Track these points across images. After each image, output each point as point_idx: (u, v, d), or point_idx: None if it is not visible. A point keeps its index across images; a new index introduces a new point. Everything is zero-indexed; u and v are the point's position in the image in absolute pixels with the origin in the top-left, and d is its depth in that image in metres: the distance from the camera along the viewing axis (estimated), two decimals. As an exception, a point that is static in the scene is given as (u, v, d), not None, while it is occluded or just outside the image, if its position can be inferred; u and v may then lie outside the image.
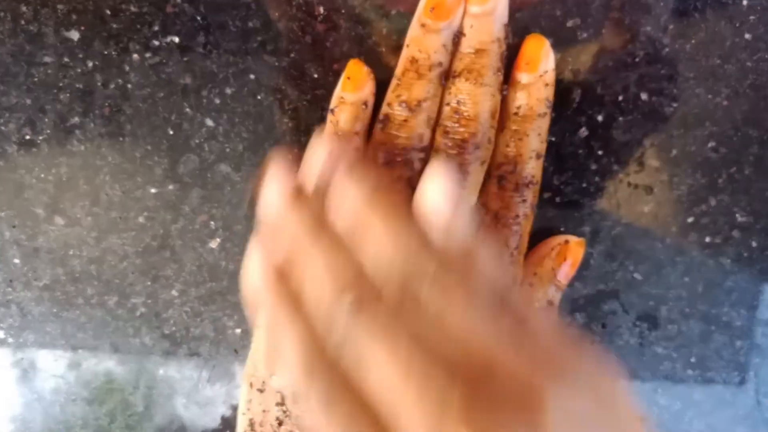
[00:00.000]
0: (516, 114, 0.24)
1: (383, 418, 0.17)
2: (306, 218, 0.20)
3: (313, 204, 0.21)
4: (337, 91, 0.25)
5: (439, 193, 0.20)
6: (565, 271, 0.26)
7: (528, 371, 0.17)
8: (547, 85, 0.24)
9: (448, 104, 0.24)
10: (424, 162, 0.24)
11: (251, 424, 0.24)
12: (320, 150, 0.21)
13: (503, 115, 0.25)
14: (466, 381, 0.16)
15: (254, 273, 0.21)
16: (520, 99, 0.24)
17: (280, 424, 0.23)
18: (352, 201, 0.20)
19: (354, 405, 0.17)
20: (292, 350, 0.19)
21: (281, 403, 0.23)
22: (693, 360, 0.29)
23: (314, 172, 0.21)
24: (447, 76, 0.24)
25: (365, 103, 0.25)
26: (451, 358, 0.17)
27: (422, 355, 0.17)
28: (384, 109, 0.24)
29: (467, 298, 0.18)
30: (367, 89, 0.24)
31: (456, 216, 0.20)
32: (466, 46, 0.24)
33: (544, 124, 0.25)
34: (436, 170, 0.20)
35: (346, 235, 0.20)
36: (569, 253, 0.26)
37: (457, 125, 0.24)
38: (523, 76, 0.24)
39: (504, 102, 0.25)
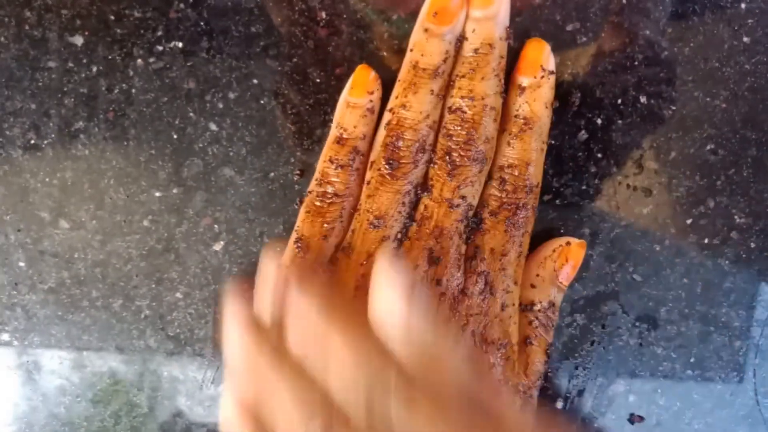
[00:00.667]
0: (517, 117, 0.25)
1: None
2: (266, 351, 0.20)
3: (272, 334, 0.20)
4: (344, 96, 0.25)
5: (388, 300, 0.19)
6: (567, 273, 0.26)
7: None
8: (548, 88, 0.25)
9: (450, 107, 0.24)
10: (429, 164, 0.25)
11: None
12: (269, 275, 0.21)
13: (504, 118, 0.25)
14: None
15: (228, 413, 0.21)
16: (521, 102, 0.25)
17: None
18: (307, 323, 0.19)
19: None
20: None
21: None
22: (692, 360, 0.29)
23: (267, 299, 0.21)
24: (449, 79, 0.24)
25: (372, 108, 0.25)
26: None
27: None
28: (388, 113, 0.24)
29: (435, 408, 0.18)
30: (374, 94, 0.25)
31: (411, 318, 0.19)
32: (468, 49, 0.24)
33: (545, 126, 0.25)
34: (381, 273, 0.20)
35: (308, 359, 0.19)
36: (570, 254, 0.26)
37: (459, 128, 0.24)
38: (524, 80, 0.25)
39: (505, 105, 0.25)
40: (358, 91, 0.25)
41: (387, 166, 0.24)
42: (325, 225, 0.25)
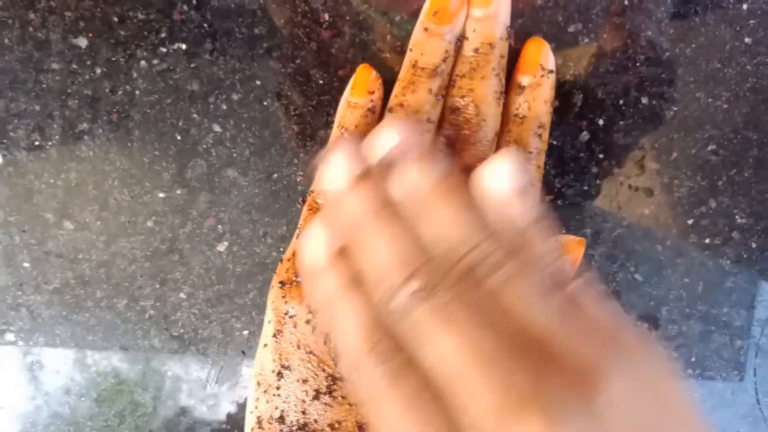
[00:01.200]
0: (516, 116, 0.25)
1: (446, 395, 0.18)
2: (372, 198, 0.21)
3: (378, 185, 0.21)
4: (345, 96, 0.25)
5: (501, 175, 0.21)
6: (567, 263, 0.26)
7: (586, 350, 0.17)
8: (548, 87, 0.25)
9: (450, 106, 0.24)
10: None
11: (259, 421, 0.24)
12: (391, 133, 0.21)
13: (504, 118, 0.25)
14: (529, 363, 0.17)
15: (315, 249, 0.22)
16: (520, 101, 0.25)
17: (282, 420, 0.24)
18: (418, 183, 0.21)
19: (417, 380, 0.18)
20: (356, 324, 0.20)
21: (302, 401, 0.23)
22: (693, 359, 0.29)
23: (382, 152, 0.21)
24: (450, 79, 0.25)
25: (373, 108, 0.25)
26: (512, 341, 0.18)
27: (486, 339, 0.18)
28: (388, 113, 0.25)
29: (526, 282, 0.19)
30: (375, 94, 0.25)
31: (516, 198, 0.20)
32: (469, 49, 0.24)
33: (546, 126, 0.25)
34: (503, 154, 0.21)
35: (410, 217, 0.21)
36: (570, 249, 0.26)
37: (459, 127, 0.24)
38: (523, 79, 0.25)
39: (505, 105, 0.25)
40: (359, 90, 0.25)
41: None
42: None
